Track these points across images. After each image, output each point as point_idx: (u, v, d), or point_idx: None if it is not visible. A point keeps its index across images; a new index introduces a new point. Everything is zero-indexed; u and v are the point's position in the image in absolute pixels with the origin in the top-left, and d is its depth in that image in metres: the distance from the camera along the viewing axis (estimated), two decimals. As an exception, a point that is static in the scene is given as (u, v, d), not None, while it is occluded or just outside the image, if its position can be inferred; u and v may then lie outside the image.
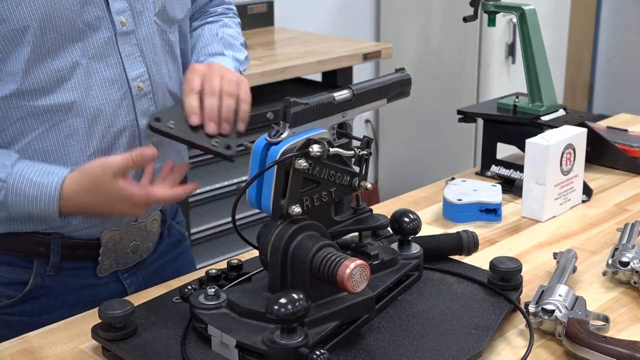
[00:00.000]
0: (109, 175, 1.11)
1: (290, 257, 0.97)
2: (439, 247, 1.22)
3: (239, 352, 0.93)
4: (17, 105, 1.16)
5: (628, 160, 1.73)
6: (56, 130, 1.18)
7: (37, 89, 1.15)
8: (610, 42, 5.29)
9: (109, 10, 1.18)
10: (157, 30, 1.25)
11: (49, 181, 1.12)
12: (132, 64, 1.22)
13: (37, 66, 1.14)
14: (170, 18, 1.29)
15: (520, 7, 1.65)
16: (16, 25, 1.10)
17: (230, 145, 1.17)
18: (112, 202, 1.13)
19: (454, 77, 3.65)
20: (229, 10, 1.51)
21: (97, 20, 1.17)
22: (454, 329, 1.03)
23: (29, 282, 1.25)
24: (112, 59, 1.20)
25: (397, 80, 1.14)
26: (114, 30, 1.19)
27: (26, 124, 1.17)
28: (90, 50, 1.17)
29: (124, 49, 1.21)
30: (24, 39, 1.12)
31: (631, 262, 1.20)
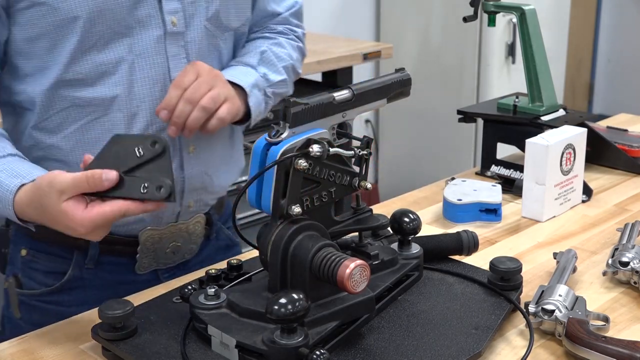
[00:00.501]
0: (53, 193, 1.00)
1: (290, 257, 0.97)
2: (439, 247, 1.22)
3: (239, 352, 0.93)
4: (62, 95, 1.18)
5: (628, 160, 1.73)
6: (98, 123, 1.20)
7: (80, 79, 1.17)
8: (610, 42, 5.29)
9: (161, 9, 1.19)
10: (206, 34, 1.26)
11: (9, 184, 1.07)
12: (176, 65, 1.22)
13: (83, 57, 1.16)
14: (224, 25, 1.29)
15: (520, 7, 1.65)
16: (67, 14, 1.12)
17: (162, 186, 1.00)
18: (56, 221, 1.02)
19: (454, 77, 3.65)
20: (290, 32, 1.47)
21: (148, 18, 1.18)
22: (454, 329, 1.03)
23: (67, 273, 1.27)
24: (158, 58, 1.20)
25: (397, 80, 1.14)
26: (164, 30, 1.20)
27: (70, 114, 1.20)
28: (138, 47, 1.18)
29: (171, 49, 1.21)
30: (73, 29, 1.13)
31: (631, 262, 1.20)
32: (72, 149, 1.21)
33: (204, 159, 1.30)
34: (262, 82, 1.32)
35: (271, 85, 1.34)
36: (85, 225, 0.99)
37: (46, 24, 1.13)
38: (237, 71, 1.30)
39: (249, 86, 1.28)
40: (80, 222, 0.99)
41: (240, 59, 1.34)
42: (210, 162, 1.31)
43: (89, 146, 1.20)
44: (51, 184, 1.00)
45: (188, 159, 1.28)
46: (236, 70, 1.30)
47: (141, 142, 1.02)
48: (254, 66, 1.33)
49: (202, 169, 1.30)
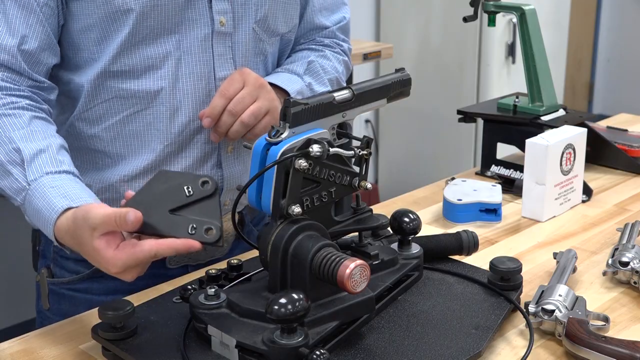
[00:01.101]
0: (87, 228, 0.97)
1: (290, 257, 0.97)
2: (439, 247, 1.22)
3: (239, 352, 0.93)
4: (107, 86, 1.20)
5: (628, 160, 1.73)
6: (140, 116, 1.22)
7: (126, 71, 1.19)
8: (610, 42, 5.30)
9: (210, 8, 1.21)
10: (253, 37, 1.27)
11: (56, 204, 1.03)
12: (222, 64, 1.24)
13: (131, 50, 1.18)
14: (271, 29, 1.30)
15: (520, 7, 1.65)
16: (120, 7, 1.14)
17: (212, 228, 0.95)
18: (90, 256, 1.00)
19: (454, 77, 3.65)
20: (336, 45, 1.48)
21: (198, 16, 1.20)
22: (454, 329, 1.03)
23: None
24: (204, 55, 1.22)
25: (397, 80, 1.14)
26: (212, 29, 1.22)
27: (113, 105, 1.21)
28: (185, 43, 1.20)
29: (218, 48, 1.23)
30: (125, 22, 1.15)
31: (631, 262, 1.20)
32: (113, 140, 1.23)
33: (241, 159, 1.33)
34: (306, 91, 1.34)
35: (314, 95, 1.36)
36: (117, 265, 0.96)
37: (100, 15, 1.15)
38: (283, 77, 1.32)
39: (293, 92, 1.29)
40: (112, 262, 0.96)
41: (287, 66, 1.37)
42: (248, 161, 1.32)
43: (130, 138, 1.23)
44: (85, 219, 0.97)
45: (226, 158, 1.30)
46: (282, 77, 1.32)
47: (191, 181, 0.98)
48: (300, 75, 1.35)
49: (240, 168, 1.33)
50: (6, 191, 1.09)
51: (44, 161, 1.08)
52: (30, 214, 1.07)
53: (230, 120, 1.20)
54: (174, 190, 0.98)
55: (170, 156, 1.26)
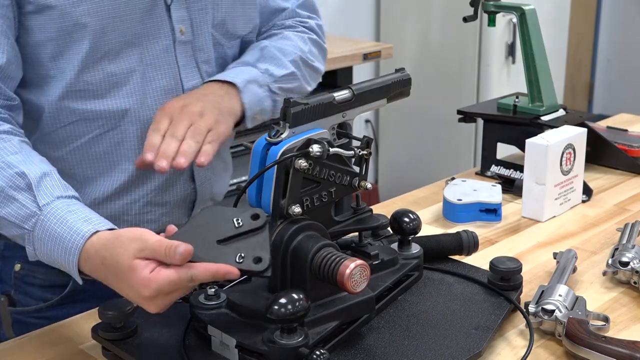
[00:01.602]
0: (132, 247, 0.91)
1: (290, 257, 0.97)
2: (439, 247, 1.22)
3: (239, 352, 0.93)
4: (70, 108, 1.15)
5: (628, 160, 1.73)
6: (108, 137, 1.18)
7: (90, 90, 1.15)
8: (610, 42, 5.29)
9: (170, 18, 1.18)
10: (213, 42, 1.24)
11: (81, 229, 0.96)
12: (188, 74, 1.21)
13: (93, 67, 1.14)
14: (230, 32, 1.27)
15: (520, 7, 1.65)
16: (77, 20, 1.10)
17: (261, 257, 0.92)
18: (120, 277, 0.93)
19: (454, 77, 3.65)
20: (299, 24, 1.41)
21: (158, 26, 1.17)
22: (454, 329, 1.03)
23: (67, 285, 1.23)
24: (169, 67, 1.19)
25: (397, 80, 1.14)
26: (173, 39, 1.19)
27: (78, 127, 1.17)
28: (148, 56, 1.17)
29: (181, 58, 1.20)
30: (82, 37, 1.11)
31: (631, 262, 1.20)
32: (79, 162, 1.18)
33: (210, 168, 1.29)
34: (264, 78, 1.27)
35: (277, 80, 1.29)
36: (150, 288, 0.88)
37: (54, 29, 1.10)
38: (232, 71, 1.26)
39: (242, 82, 1.23)
40: (144, 283, 0.88)
41: (239, 59, 1.31)
42: (215, 169, 1.31)
43: (97, 160, 1.18)
44: (132, 239, 0.91)
45: (197, 170, 1.27)
46: (232, 70, 1.26)
47: (240, 214, 0.95)
48: (253, 64, 1.29)
49: (211, 176, 1.30)
50: (8, 219, 1.00)
51: (52, 185, 1.02)
52: (44, 240, 0.99)
53: (174, 142, 1.12)
54: (222, 222, 0.95)
55: (143, 175, 1.22)
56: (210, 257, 0.91)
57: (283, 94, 1.29)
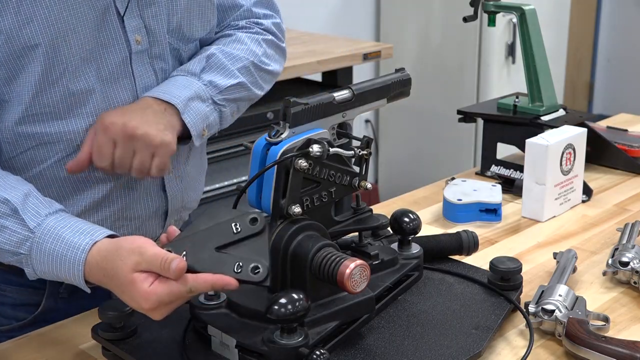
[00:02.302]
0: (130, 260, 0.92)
1: (290, 257, 0.97)
2: (439, 247, 1.22)
3: (239, 352, 0.93)
4: (28, 132, 1.10)
5: (628, 160, 1.73)
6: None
7: (49, 112, 1.10)
8: (610, 42, 5.29)
9: (124, 28, 1.13)
10: (169, 48, 1.20)
11: (79, 242, 0.97)
12: (145, 84, 1.17)
13: (50, 88, 1.09)
14: (187, 37, 1.22)
15: (520, 7, 1.65)
16: (26, 43, 1.04)
17: (259, 267, 0.91)
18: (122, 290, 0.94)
19: (454, 77, 3.65)
20: (254, 25, 1.34)
21: (112, 39, 1.12)
22: (454, 329, 1.03)
23: (40, 304, 1.21)
24: (125, 80, 1.15)
25: (397, 80, 1.14)
26: (129, 50, 1.14)
27: (38, 153, 1.12)
28: (105, 72, 1.12)
29: (137, 69, 1.16)
30: (34, 58, 1.06)
31: (631, 262, 1.20)
32: (45, 186, 1.14)
33: (182, 177, 1.27)
34: (208, 91, 1.21)
35: (221, 91, 1.23)
36: (150, 300, 0.90)
37: (4, 53, 1.05)
38: (173, 85, 1.19)
39: (182, 102, 1.16)
40: (146, 296, 0.90)
41: (183, 67, 1.24)
42: (184, 179, 1.28)
43: (63, 183, 1.14)
44: (131, 251, 0.92)
45: (169, 180, 1.24)
46: (173, 84, 1.19)
47: (238, 218, 0.94)
48: (197, 74, 1.22)
49: (181, 187, 1.27)
50: (2, 247, 0.99)
51: (36, 204, 1.01)
52: (43, 261, 0.98)
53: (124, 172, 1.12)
54: (221, 228, 0.95)
55: (113, 193, 1.19)
56: (208, 265, 0.91)
57: (229, 104, 1.25)
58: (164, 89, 1.18)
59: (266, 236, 0.93)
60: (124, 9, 1.12)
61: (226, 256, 0.92)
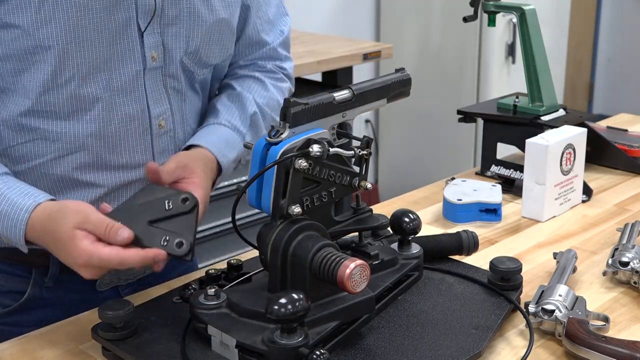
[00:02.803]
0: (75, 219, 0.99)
1: (290, 257, 0.97)
2: (439, 247, 1.22)
3: (239, 352, 0.93)
4: (30, 125, 1.12)
5: (628, 160, 1.73)
6: (67, 160, 1.15)
7: (53, 111, 1.12)
8: (610, 42, 5.30)
9: (142, 43, 1.14)
10: (182, 69, 1.21)
11: (24, 203, 1.04)
12: (156, 100, 1.18)
13: (58, 89, 1.10)
14: (203, 62, 1.24)
15: (520, 7, 1.65)
16: (40, 43, 1.07)
17: (183, 242, 0.98)
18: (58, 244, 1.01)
19: (454, 77, 3.65)
20: (279, 70, 1.39)
21: (129, 52, 1.13)
22: (454, 329, 1.03)
23: (26, 292, 1.23)
24: (137, 94, 1.16)
25: (397, 80, 1.14)
26: (144, 65, 1.15)
27: (36, 147, 1.14)
28: (116, 82, 1.13)
29: (150, 84, 1.17)
30: (45, 58, 1.08)
31: (631, 262, 1.20)
32: (37, 180, 1.15)
33: None
34: (243, 154, 1.28)
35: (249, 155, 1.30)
36: (82, 257, 0.98)
37: (16, 47, 1.07)
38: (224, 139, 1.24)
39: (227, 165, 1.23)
40: (80, 253, 0.98)
41: (230, 117, 1.27)
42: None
43: (56, 181, 1.16)
44: (78, 212, 1.00)
45: None
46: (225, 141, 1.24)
47: (172, 196, 1.02)
48: (242, 134, 1.28)
49: None
50: None
51: None
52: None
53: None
54: (155, 203, 1.03)
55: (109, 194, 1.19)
56: (139, 236, 1.00)
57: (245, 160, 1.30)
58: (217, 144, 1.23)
59: (194, 215, 1.01)
60: (145, 25, 1.14)
61: (156, 230, 1.00)
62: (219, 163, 1.22)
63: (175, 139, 1.23)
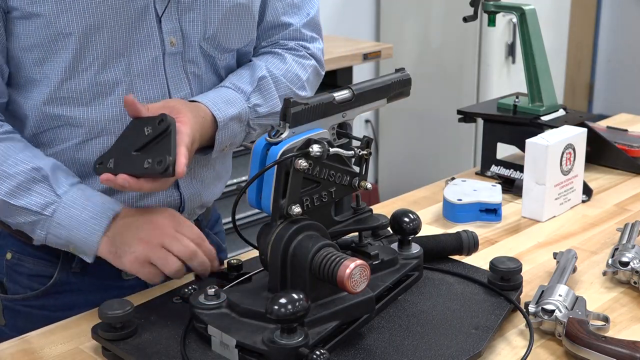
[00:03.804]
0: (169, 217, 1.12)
1: (290, 257, 0.97)
2: (439, 247, 1.22)
3: (239, 352, 0.93)
4: (53, 113, 1.16)
5: (628, 160, 1.73)
6: (91, 144, 1.18)
7: (75, 97, 1.15)
8: (610, 42, 5.29)
9: (160, 29, 1.16)
10: (202, 54, 1.22)
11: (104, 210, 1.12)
12: (177, 85, 1.20)
13: (78, 75, 1.13)
14: (223, 46, 1.24)
15: (520, 7, 1.65)
16: (61, 30, 1.09)
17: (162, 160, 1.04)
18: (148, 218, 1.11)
19: (454, 77, 3.65)
20: (302, 48, 1.36)
21: (147, 38, 1.15)
22: (454, 329, 1.03)
23: (53, 276, 1.25)
24: (157, 78, 1.18)
25: (397, 80, 1.14)
26: (163, 50, 1.17)
27: (61, 132, 1.17)
28: (136, 67, 1.15)
29: (170, 70, 1.18)
30: (66, 45, 1.11)
31: (631, 262, 1.20)
32: (67, 164, 1.18)
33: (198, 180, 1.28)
34: (248, 114, 1.25)
35: (259, 116, 1.27)
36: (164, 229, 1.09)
37: (40, 36, 1.10)
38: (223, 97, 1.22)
39: (224, 119, 1.19)
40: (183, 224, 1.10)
41: (235, 79, 1.26)
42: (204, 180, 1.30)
43: (81, 165, 1.19)
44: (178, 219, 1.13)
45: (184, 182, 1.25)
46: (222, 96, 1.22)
47: (150, 122, 1.07)
48: (246, 94, 1.25)
49: (199, 188, 1.29)
50: (29, 208, 1.11)
51: (63, 175, 1.13)
52: (65, 223, 1.11)
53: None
54: (138, 133, 1.08)
55: None
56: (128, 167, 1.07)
57: (259, 128, 1.28)
58: (213, 99, 1.20)
59: (171, 134, 1.05)
60: (162, 10, 1.15)
61: (140, 156, 1.07)
62: (214, 117, 1.19)
63: None
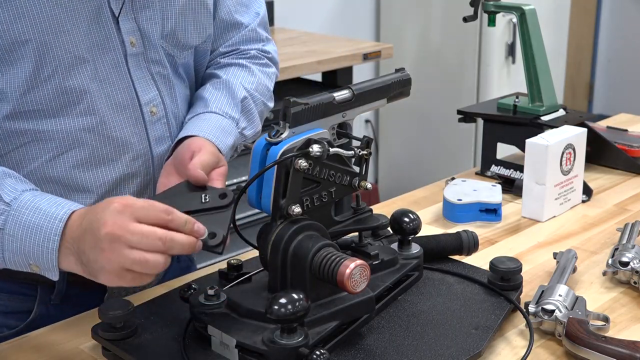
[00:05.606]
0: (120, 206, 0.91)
1: (290, 257, 0.97)
2: (439, 247, 1.22)
3: (239, 352, 0.93)
4: (19, 129, 1.09)
5: (628, 160, 1.73)
6: (65, 158, 1.12)
7: (41, 110, 1.09)
8: (610, 42, 5.29)
9: (119, 29, 1.12)
10: (164, 53, 1.19)
11: (57, 213, 0.95)
12: (143, 87, 1.16)
13: (42, 85, 1.08)
14: (181, 43, 1.22)
15: (520, 7, 1.65)
16: (16, 38, 1.04)
17: (216, 233, 0.97)
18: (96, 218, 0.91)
19: (454, 77, 3.65)
20: (262, 55, 1.37)
21: (106, 39, 1.11)
22: (454, 329, 1.03)
23: (32, 311, 1.20)
24: (123, 82, 1.14)
25: (397, 80, 1.14)
26: (124, 52, 1.13)
27: (30, 150, 1.11)
28: (101, 72, 1.11)
29: (135, 72, 1.15)
30: (25, 54, 1.05)
31: (631, 262, 1.20)
32: (39, 183, 1.12)
33: None
34: (239, 139, 1.26)
35: (246, 140, 1.29)
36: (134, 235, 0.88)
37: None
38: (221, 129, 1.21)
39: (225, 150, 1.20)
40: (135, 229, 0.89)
41: (221, 105, 1.24)
42: None
43: (57, 183, 1.13)
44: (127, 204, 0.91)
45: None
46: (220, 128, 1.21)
47: (210, 191, 1.04)
48: (235, 120, 1.25)
49: None
50: None
51: (14, 183, 1.00)
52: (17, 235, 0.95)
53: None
54: (192, 196, 1.03)
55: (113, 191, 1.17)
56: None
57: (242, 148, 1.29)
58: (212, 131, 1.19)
59: (230, 212, 1.00)
60: (118, 9, 1.12)
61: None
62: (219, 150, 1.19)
63: (169, 126, 1.21)
